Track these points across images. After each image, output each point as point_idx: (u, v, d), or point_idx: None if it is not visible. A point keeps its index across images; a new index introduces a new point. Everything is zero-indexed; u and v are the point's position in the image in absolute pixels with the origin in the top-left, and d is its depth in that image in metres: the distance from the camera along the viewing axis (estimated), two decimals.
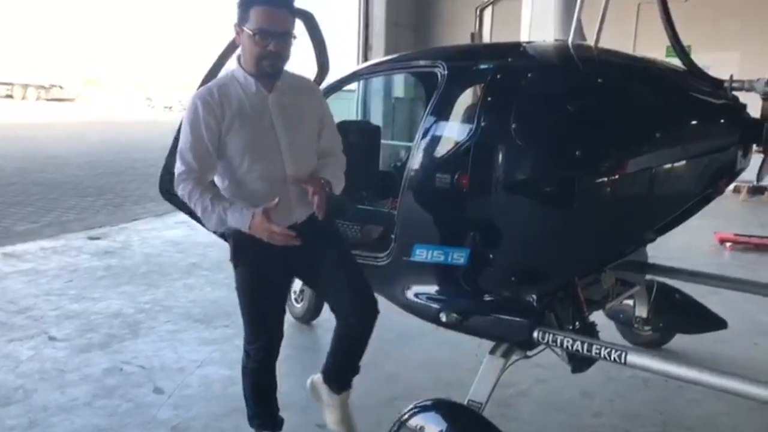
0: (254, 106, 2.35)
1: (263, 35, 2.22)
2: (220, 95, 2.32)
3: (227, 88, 2.35)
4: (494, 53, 3.09)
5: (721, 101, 2.70)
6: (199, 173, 2.33)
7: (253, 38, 2.24)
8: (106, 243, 6.54)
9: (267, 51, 2.24)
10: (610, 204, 2.60)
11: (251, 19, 2.22)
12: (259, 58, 2.27)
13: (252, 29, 2.23)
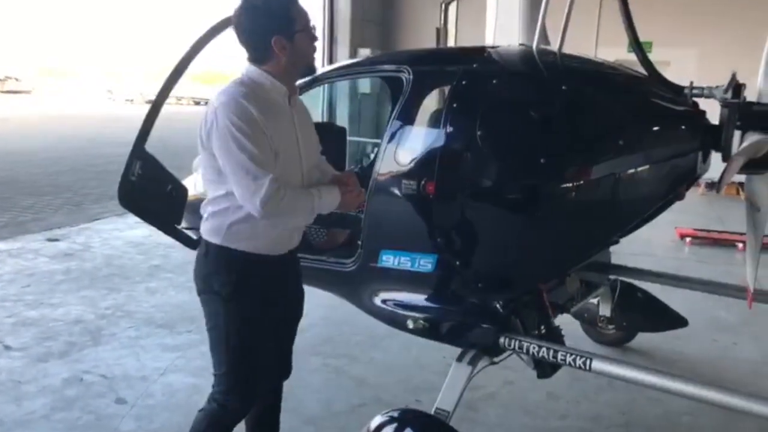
0: (283, 113, 2.16)
1: (310, 26, 2.14)
2: (256, 96, 2.05)
3: (257, 90, 2.08)
4: (459, 58, 3.08)
5: (681, 108, 2.74)
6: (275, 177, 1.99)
7: (309, 32, 2.12)
8: (65, 245, 6.36)
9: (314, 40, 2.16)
10: (574, 210, 2.62)
11: (297, 19, 2.08)
12: (310, 58, 2.18)
13: (304, 25, 2.10)
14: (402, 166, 2.84)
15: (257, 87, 2.09)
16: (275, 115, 2.09)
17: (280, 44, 2.06)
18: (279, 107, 2.14)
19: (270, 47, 2.06)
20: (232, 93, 2.03)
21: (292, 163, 2.17)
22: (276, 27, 2.05)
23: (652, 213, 2.91)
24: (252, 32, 2.08)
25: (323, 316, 4.51)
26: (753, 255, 2.88)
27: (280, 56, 2.08)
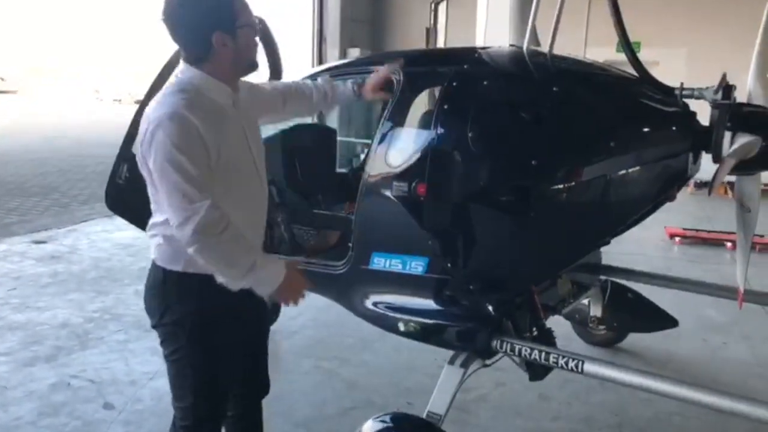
0: (231, 119, 1.95)
1: (253, 21, 1.94)
2: (201, 106, 1.84)
3: (201, 98, 1.87)
4: (450, 60, 3.07)
5: (672, 109, 2.74)
6: (213, 201, 1.79)
7: (252, 27, 1.93)
8: (52, 247, 6.30)
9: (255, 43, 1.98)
10: (566, 211, 2.62)
11: (240, 12, 1.88)
12: (254, 54, 1.98)
13: (246, 21, 1.89)
14: (393, 168, 2.82)
15: (199, 93, 1.88)
16: (222, 122, 1.90)
17: (222, 41, 1.86)
18: (225, 112, 1.93)
19: (211, 44, 1.85)
20: (172, 104, 1.80)
21: (247, 170, 2.01)
22: (217, 21, 1.85)
23: (643, 214, 2.91)
24: (190, 27, 1.86)
25: (314, 317, 4.49)
26: (743, 255, 2.89)
27: (221, 54, 1.88)
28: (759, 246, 6.82)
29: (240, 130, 1.99)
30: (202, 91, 1.89)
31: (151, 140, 1.78)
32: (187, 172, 1.75)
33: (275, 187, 3.59)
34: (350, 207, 3.60)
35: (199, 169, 1.77)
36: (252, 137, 2.05)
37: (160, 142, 1.76)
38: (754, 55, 2.65)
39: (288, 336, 4.25)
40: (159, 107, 1.82)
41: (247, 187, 2.03)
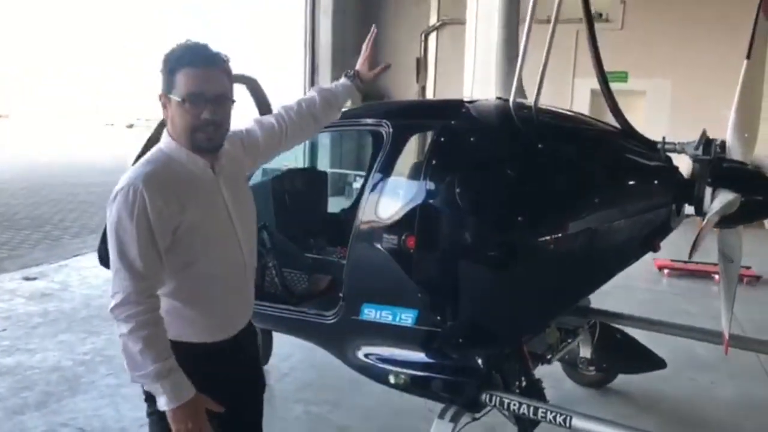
0: (205, 192, 1.91)
1: (194, 100, 1.80)
2: (165, 178, 1.82)
3: (168, 169, 1.85)
4: (438, 113, 3.14)
5: (655, 163, 2.81)
6: (153, 288, 1.80)
7: (183, 106, 1.81)
8: (43, 284, 6.28)
9: (201, 120, 1.82)
10: (553, 265, 2.68)
11: (178, 84, 1.81)
12: (192, 131, 1.83)
13: (181, 96, 1.80)
14: (383, 220, 2.88)
15: (171, 161, 1.87)
16: (195, 191, 1.87)
17: (162, 101, 1.87)
18: (199, 181, 1.90)
19: (162, 103, 1.88)
20: (132, 178, 1.79)
21: (222, 238, 1.95)
22: (162, 81, 1.85)
23: (632, 260, 2.96)
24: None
25: (303, 359, 4.49)
26: (727, 303, 2.95)
27: (165, 114, 1.89)
28: (746, 279, 6.91)
29: (218, 198, 1.94)
30: (174, 159, 1.88)
31: (110, 204, 1.80)
32: (124, 252, 1.76)
33: (267, 231, 3.63)
34: (342, 251, 3.65)
35: (141, 253, 1.75)
36: (235, 203, 1.99)
37: (113, 211, 1.78)
38: (732, 112, 2.73)
39: (279, 378, 4.24)
40: (127, 174, 1.82)
41: (223, 256, 1.96)
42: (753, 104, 2.80)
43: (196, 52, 1.83)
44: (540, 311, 2.79)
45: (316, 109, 2.32)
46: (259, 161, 2.29)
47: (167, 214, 1.78)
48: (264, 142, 2.20)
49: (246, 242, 2.02)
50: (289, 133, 2.27)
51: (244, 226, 2.02)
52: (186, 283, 1.90)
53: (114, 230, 1.77)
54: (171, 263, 1.84)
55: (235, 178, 2.03)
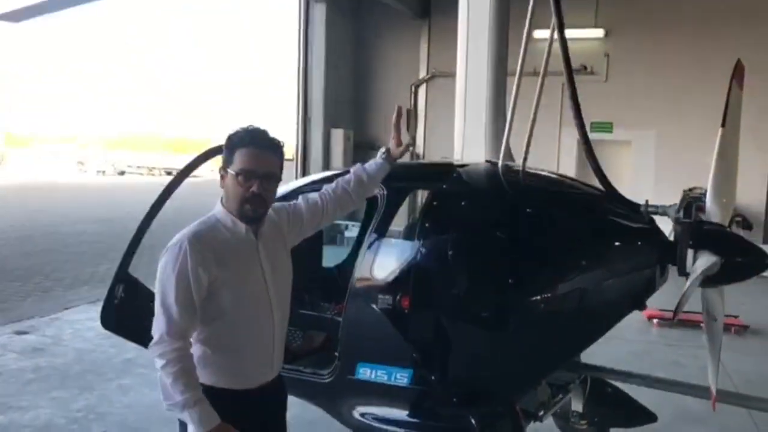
0: (244, 254, 2.18)
1: (247, 176, 2.11)
2: (209, 239, 2.11)
3: (215, 231, 2.15)
4: (431, 176, 3.27)
5: (639, 225, 2.93)
6: (185, 332, 2.05)
7: (236, 179, 2.12)
8: (35, 338, 6.26)
9: (250, 193, 2.12)
10: (543, 325, 2.76)
11: (236, 160, 2.13)
12: (242, 201, 2.13)
13: (236, 170, 2.12)
14: (378, 280, 2.96)
15: (219, 225, 2.17)
16: (234, 252, 2.14)
17: (221, 173, 2.19)
18: (241, 243, 2.17)
19: (221, 174, 2.19)
20: (181, 236, 2.09)
21: (254, 297, 2.18)
22: (223, 158, 2.18)
23: (619, 319, 3.05)
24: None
25: (297, 414, 4.48)
26: (713, 359, 3.04)
27: (222, 184, 2.19)
28: (734, 328, 7.00)
29: (255, 262, 2.20)
30: (220, 222, 2.18)
31: (162, 256, 2.09)
32: (164, 299, 2.05)
33: None
34: (336, 307, 3.71)
35: (178, 301, 2.03)
36: (271, 266, 2.23)
37: (162, 263, 2.09)
38: (710, 177, 2.87)
39: None
40: (177, 235, 2.11)
41: (254, 313, 2.19)
42: (729, 170, 2.95)
43: (255, 135, 2.17)
44: (532, 370, 2.85)
45: (350, 187, 2.59)
46: (303, 233, 2.50)
47: (204, 270, 2.06)
48: (307, 217, 2.47)
49: (278, 304, 2.26)
50: (330, 209, 2.54)
51: (277, 289, 2.26)
52: (216, 332, 2.16)
53: (159, 279, 2.08)
54: (205, 313, 2.11)
55: (274, 245, 2.30)
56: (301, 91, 12.64)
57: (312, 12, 12.29)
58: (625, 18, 12.06)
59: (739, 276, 2.78)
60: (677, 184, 3.30)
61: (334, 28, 12.52)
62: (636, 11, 11.96)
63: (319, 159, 12.56)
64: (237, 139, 2.16)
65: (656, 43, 11.81)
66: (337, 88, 12.80)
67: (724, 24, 11.37)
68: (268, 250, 2.25)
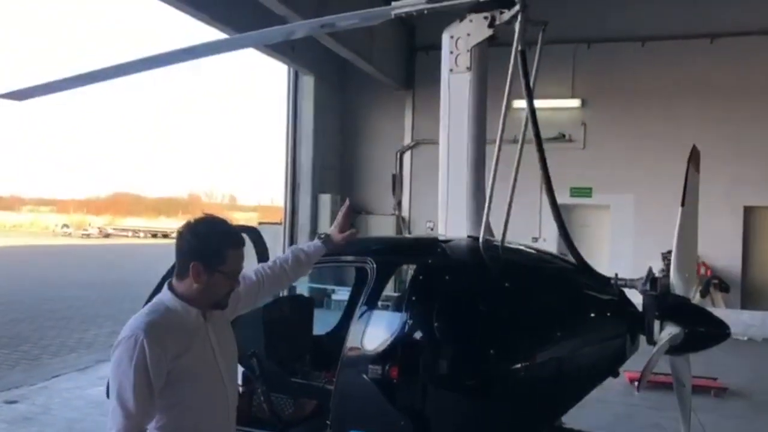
0: (197, 339, 2.26)
1: (236, 275, 2.30)
2: (165, 328, 2.17)
3: (167, 319, 2.20)
4: (416, 251, 3.50)
5: (609, 297, 3.16)
6: (141, 425, 2.12)
7: (230, 280, 2.27)
8: (24, 407, 6.26)
9: (232, 288, 2.31)
10: (522, 392, 2.95)
11: (228, 261, 2.24)
12: (224, 295, 2.28)
13: (229, 271, 2.25)
14: (368, 351, 3.14)
15: (169, 312, 2.21)
16: (188, 338, 2.21)
17: (197, 270, 2.20)
18: (192, 328, 2.24)
19: (188, 269, 2.20)
20: (135, 328, 2.13)
21: (209, 379, 2.27)
22: (201, 255, 2.20)
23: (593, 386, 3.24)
24: (183, 251, 2.23)
25: None
26: (685, 422, 3.24)
27: (192, 281, 2.21)
28: (714, 390, 7.15)
29: (207, 345, 2.28)
30: (171, 310, 2.23)
31: (114, 349, 2.14)
32: (121, 393, 2.08)
33: (256, 358, 3.85)
34: (327, 375, 3.86)
35: (136, 395, 2.07)
36: (222, 349, 2.34)
37: (116, 356, 2.13)
38: (673, 252, 3.13)
39: None
40: (126, 328, 2.16)
41: (209, 393, 2.28)
42: (689, 246, 3.22)
43: (236, 234, 2.32)
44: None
45: (288, 266, 2.77)
46: (239, 308, 2.61)
47: (163, 361, 2.12)
48: (244, 293, 2.59)
49: (229, 381, 2.36)
50: (266, 286, 2.71)
51: (226, 362, 2.37)
52: (175, 417, 2.21)
53: (115, 374, 2.11)
54: (163, 400, 2.15)
55: (221, 324, 2.40)
56: (289, 158, 12.98)
57: (301, 83, 12.78)
58: (599, 89, 12.71)
59: (701, 345, 3.01)
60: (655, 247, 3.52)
61: (322, 99, 13.00)
62: (609, 82, 12.62)
63: (307, 224, 12.80)
64: (221, 238, 2.25)
65: (630, 111, 12.43)
66: (325, 155, 13.17)
67: (689, 96, 12.05)
68: (216, 331, 2.34)
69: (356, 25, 4.83)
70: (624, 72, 12.49)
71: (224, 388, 2.33)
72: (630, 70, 12.43)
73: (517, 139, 3.45)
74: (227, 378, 2.35)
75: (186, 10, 8.62)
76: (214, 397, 2.30)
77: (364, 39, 11.27)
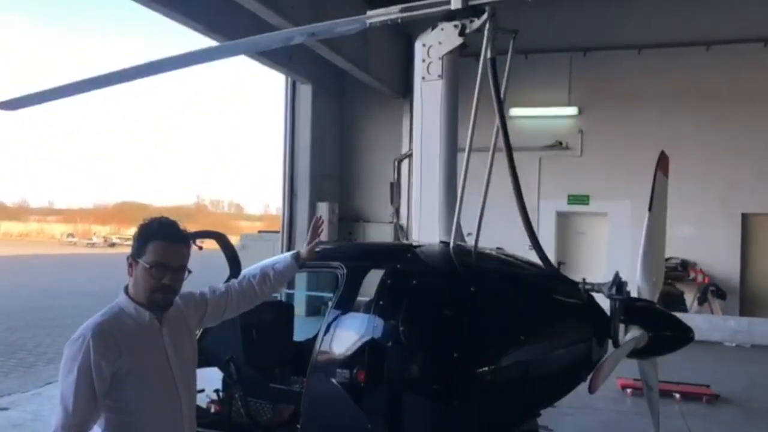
0: (148, 341, 2.25)
1: (160, 269, 2.21)
2: (112, 329, 2.16)
3: (118, 321, 2.21)
4: (386, 257, 3.52)
5: (575, 301, 3.18)
6: (81, 427, 2.11)
7: (149, 271, 2.20)
8: (15, 414, 6.30)
9: (161, 284, 2.22)
10: (491, 394, 2.97)
11: (148, 252, 2.21)
12: (152, 291, 2.22)
13: (149, 262, 2.20)
14: (337, 355, 3.17)
15: (122, 314, 2.23)
16: (138, 340, 2.21)
17: (129, 264, 2.24)
18: (145, 330, 2.24)
19: (129, 264, 2.25)
20: (84, 328, 2.15)
21: (160, 381, 2.26)
22: (132, 249, 2.25)
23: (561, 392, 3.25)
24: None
25: None
26: (655, 424, 3.25)
27: (130, 276, 2.25)
28: (706, 397, 7.13)
29: (159, 348, 2.28)
30: (125, 312, 2.24)
31: (65, 349, 2.15)
32: (63, 394, 2.10)
33: (234, 363, 3.88)
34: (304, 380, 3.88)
35: (77, 395, 2.08)
36: (176, 348, 2.32)
37: (64, 357, 2.14)
38: (640, 256, 3.15)
39: None
40: (80, 329, 2.17)
41: (158, 397, 2.26)
42: (656, 250, 3.24)
43: (168, 228, 2.28)
44: None
45: (255, 282, 2.79)
46: (206, 320, 2.65)
47: (107, 361, 2.11)
48: (211, 305, 2.61)
49: (184, 387, 2.34)
50: (235, 301, 2.71)
51: (182, 371, 2.35)
52: (123, 421, 2.20)
53: (61, 372, 2.13)
54: (109, 401, 2.15)
55: (179, 329, 2.39)
56: (287, 166, 13.04)
57: (298, 92, 12.86)
58: (595, 96, 12.71)
59: (665, 348, 3.02)
60: None
61: (320, 107, 13.07)
62: (606, 90, 12.62)
63: (305, 232, 12.79)
64: (149, 231, 2.25)
65: (626, 118, 12.42)
66: (322, 164, 13.22)
67: (686, 103, 12.05)
68: (173, 335, 2.32)
69: (334, 35, 4.89)
70: (620, 79, 12.51)
71: (176, 393, 2.31)
72: (626, 77, 12.44)
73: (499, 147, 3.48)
74: (181, 383, 2.33)
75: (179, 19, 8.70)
76: (164, 401, 2.27)
77: (361, 48, 11.35)
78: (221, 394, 3.90)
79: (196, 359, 2.49)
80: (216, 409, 3.91)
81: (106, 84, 4.61)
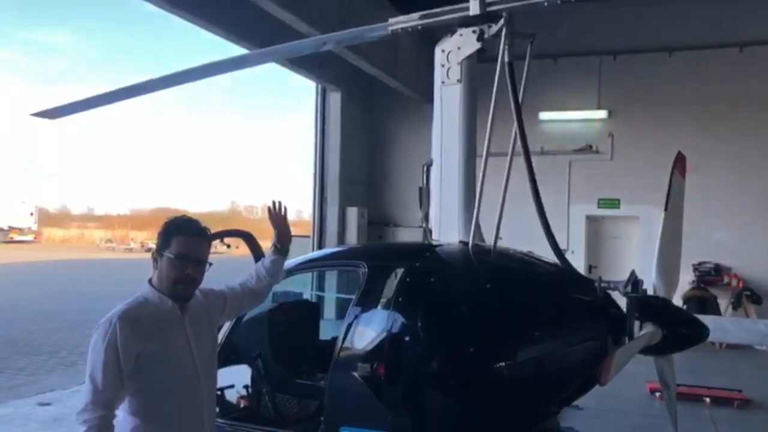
0: (171, 328, 2.42)
1: (183, 260, 2.40)
2: (137, 315, 2.35)
3: (143, 308, 2.39)
4: (406, 255, 3.63)
5: (591, 298, 3.24)
6: (109, 402, 2.28)
7: (173, 262, 2.40)
8: (55, 409, 6.58)
9: (184, 274, 2.41)
10: (508, 389, 3.05)
11: (173, 245, 2.42)
12: (176, 281, 2.41)
13: (173, 254, 2.40)
14: (358, 350, 3.29)
15: (145, 303, 2.41)
16: (161, 325, 2.39)
17: (154, 257, 2.47)
18: (167, 318, 2.42)
19: (155, 258, 2.47)
20: (113, 314, 2.33)
21: (181, 369, 2.42)
22: (157, 244, 2.48)
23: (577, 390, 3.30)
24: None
25: None
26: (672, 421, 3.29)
27: (155, 268, 2.47)
28: (737, 402, 7.03)
29: (182, 335, 2.45)
30: (149, 300, 2.43)
31: (94, 332, 2.35)
32: (94, 373, 2.28)
33: (261, 359, 4.02)
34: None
35: (105, 373, 2.26)
36: (197, 338, 2.49)
37: (93, 339, 2.35)
38: (656, 255, 3.20)
39: None
40: (107, 315, 2.35)
41: (179, 381, 2.43)
42: (672, 250, 3.28)
43: (190, 224, 2.51)
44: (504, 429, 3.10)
45: (253, 282, 2.91)
46: (224, 317, 2.86)
47: (132, 343, 2.29)
48: (229, 302, 2.78)
49: (204, 375, 2.51)
50: (247, 298, 2.88)
51: (203, 360, 2.51)
52: (145, 403, 2.36)
53: (90, 352, 2.33)
54: (134, 384, 2.32)
55: (200, 321, 2.56)
56: (317, 172, 13.25)
57: (328, 99, 13.07)
58: (626, 99, 12.59)
59: (680, 346, 3.06)
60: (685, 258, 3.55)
61: (349, 114, 13.25)
62: (636, 93, 12.50)
63: (335, 236, 13.01)
64: (173, 227, 2.47)
65: (657, 121, 12.27)
66: (351, 169, 13.38)
67: (718, 106, 11.86)
68: (194, 325, 2.50)
69: (357, 41, 5.03)
70: (651, 82, 12.37)
71: (197, 378, 2.46)
72: (657, 80, 12.30)
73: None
74: (203, 373, 2.49)
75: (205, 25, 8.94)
76: (186, 386, 2.43)
77: (389, 55, 11.49)
78: (249, 390, 4.05)
79: (216, 351, 2.65)
80: (245, 404, 4.06)
81: (142, 92, 4.82)
